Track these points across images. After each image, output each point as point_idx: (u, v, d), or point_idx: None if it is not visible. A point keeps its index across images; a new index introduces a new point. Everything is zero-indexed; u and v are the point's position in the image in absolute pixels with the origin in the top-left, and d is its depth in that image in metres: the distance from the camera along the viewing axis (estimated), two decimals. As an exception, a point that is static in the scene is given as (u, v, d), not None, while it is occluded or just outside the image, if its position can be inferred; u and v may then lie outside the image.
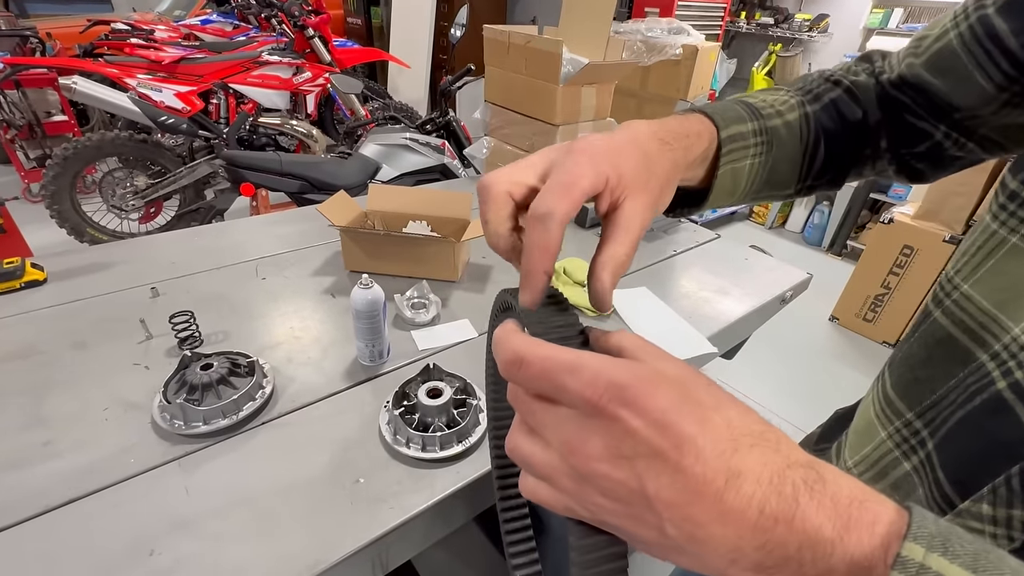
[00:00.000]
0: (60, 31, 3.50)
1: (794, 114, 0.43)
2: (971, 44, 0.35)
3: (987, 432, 0.28)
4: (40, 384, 0.72)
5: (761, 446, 0.20)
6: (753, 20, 3.68)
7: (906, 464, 0.34)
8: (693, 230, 1.37)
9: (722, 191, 0.40)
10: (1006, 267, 0.30)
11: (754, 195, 0.43)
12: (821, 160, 0.44)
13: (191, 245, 1.12)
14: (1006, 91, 0.34)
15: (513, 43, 1.40)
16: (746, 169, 0.40)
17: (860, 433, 0.38)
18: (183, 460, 0.62)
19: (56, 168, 2.13)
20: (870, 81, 0.44)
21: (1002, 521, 0.26)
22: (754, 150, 0.40)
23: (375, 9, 5.50)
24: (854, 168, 0.46)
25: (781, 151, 0.42)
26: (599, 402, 0.20)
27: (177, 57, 2.43)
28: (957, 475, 0.30)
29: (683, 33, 2.57)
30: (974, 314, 0.31)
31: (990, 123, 0.38)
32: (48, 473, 0.60)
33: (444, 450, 0.64)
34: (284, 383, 0.74)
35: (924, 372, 0.34)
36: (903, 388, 0.35)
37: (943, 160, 0.43)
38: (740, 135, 0.39)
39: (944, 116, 0.39)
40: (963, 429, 0.30)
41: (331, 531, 0.55)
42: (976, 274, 0.32)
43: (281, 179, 1.84)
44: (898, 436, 0.35)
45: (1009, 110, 0.35)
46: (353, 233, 1.01)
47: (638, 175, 0.30)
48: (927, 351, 0.34)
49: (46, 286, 0.94)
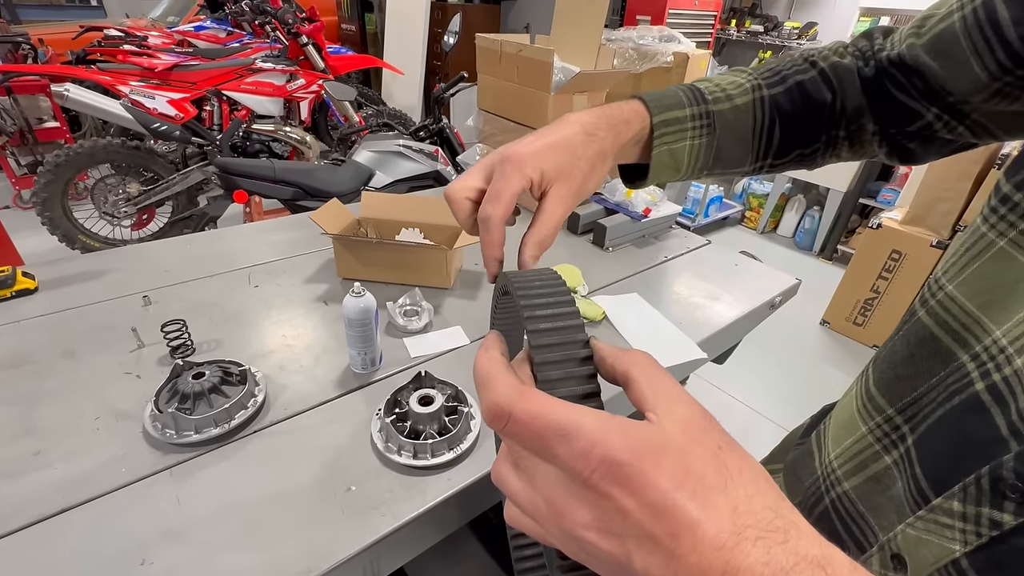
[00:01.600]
0: (52, 37, 3.49)
1: (746, 98, 0.45)
2: (972, 29, 0.34)
3: (963, 431, 0.29)
4: (31, 393, 0.72)
5: (767, 539, 0.18)
6: (743, 28, 3.73)
7: (887, 458, 0.34)
8: (684, 236, 1.38)
9: (662, 167, 0.44)
10: (992, 270, 0.30)
11: (707, 171, 0.46)
12: (778, 141, 0.46)
13: (183, 253, 1.12)
14: (998, 81, 0.34)
15: (505, 52, 1.42)
16: (685, 149, 0.44)
17: (842, 427, 0.39)
18: (174, 469, 0.62)
19: (48, 175, 2.12)
20: (855, 64, 0.44)
21: (971, 518, 0.27)
22: (692, 132, 0.43)
23: (369, 15, 5.53)
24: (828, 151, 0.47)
25: (728, 133, 0.45)
26: (590, 478, 0.19)
27: (170, 64, 2.43)
28: (934, 472, 0.30)
29: (674, 41, 2.60)
30: (957, 315, 0.32)
31: (981, 109, 0.38)
32: (39, 483, 0.60)
33: (435, 457, 0.64)
34: (276, 391, 0.75)
35: (906, 370, 0.35)
36: (885, 385, 0.36)
37: (934, 141, 0.43)
38: (675, 119, 0.43)
39: (937, 99, 0.40)
40: (941, 427, 0.31)
41: (323, 539, 0.55)
42: (962, 275, 0.32)
43: (274, 186, 1.84)
44: (879, 431, 0.35)
45: (999, 99, 0.35)
46: (346, 241, 1.01)
47: (560, 169, 0.37)
48: (910, 349, 0.35)
49: (37, 295, 0.94)
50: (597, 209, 1.34)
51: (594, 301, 1.00)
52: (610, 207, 1.33)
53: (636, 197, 1.30)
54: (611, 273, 1.15)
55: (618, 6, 3.86)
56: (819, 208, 3.21)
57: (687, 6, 3.40)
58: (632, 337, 0.93)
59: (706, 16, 3.53)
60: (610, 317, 0.98)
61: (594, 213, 1.32)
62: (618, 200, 1.33)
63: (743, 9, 3.84)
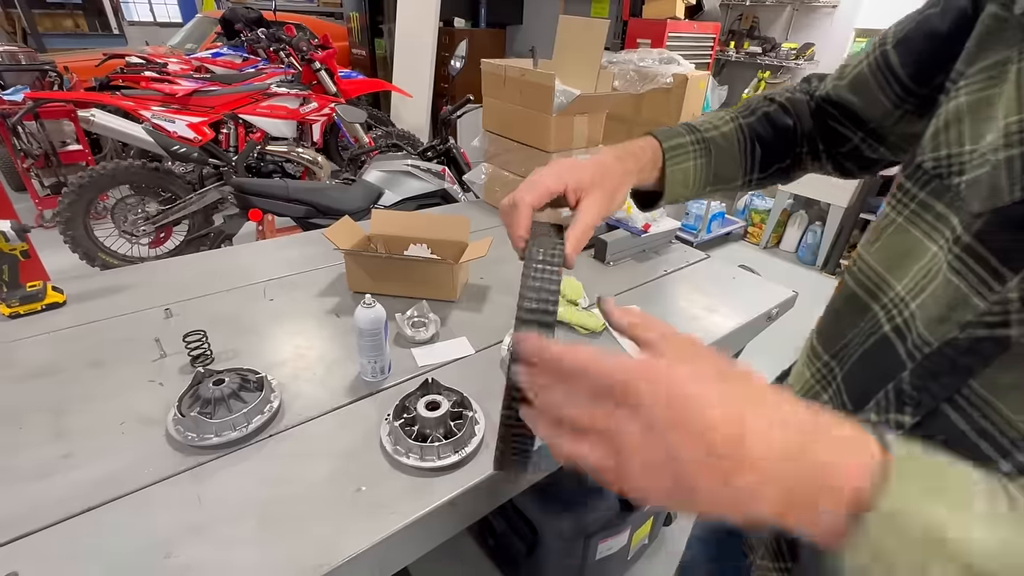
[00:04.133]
0: (77, 65, 3.65)
1: (728, 126, 0.56)
2: (875, 72, 0.46)
3: (876, 362, 0.38)
4: (61, 400, 0.76)
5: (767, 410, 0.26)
6: (742, 49, 3.82)
7: (824, 395, 0.43)
8: (683, 251, 1.42)
9: (676, 183, 0.53)
10: (893, 240, 0.40)
11: (710, 187, 0.56)
12: (760, 157, 0.56)
13: (202, 269, 1.18)
14: (900, 108, 0.45)
15: (509, 76, 1.49)
16: (691, 168, 0.53)
17: (796, 377, 0.49)
18: (196, 470, 0.66)
19: (72, 195, 2.21)
20: (804, 98, 0.56)
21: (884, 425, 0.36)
22: (694, 153, 0.54)
23: (379, 41, 5.72)
24: (797, 165, 0.58)
25: (721, 154, 0.55)
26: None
27: (191, 90, 2.54)
28: (855, 396, 0.39)
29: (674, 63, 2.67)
30: (871, 276, 0.41)
31: (895, 131, 0.48)
32: (69, 483, 0.63)
33: (442, 460, 0.67)
34: (291, 398, 0.79)
35: (837, 323, 0.44)
36: (823, 337, 0.46)
37: (865, 160, 0.54)
38: (680, 145, 0.53)
39: (861, 125, 0.51)
40: (861, 362, 0.40)
41: (334, 536, 0.59)
42: (874, 246, 0.42)
43: (288, 205, 1.91)
44: (819, 374, 0.45)
45: (905, 123, 0.46)
46: (357, 256, 1.06)
47: (594, 181, 0.47)
48: (839, 307, 0.45)
49: (65, 308, 0.99)
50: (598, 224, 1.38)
51: (595, 313, 1.04)
52: (611, 223, 1.38)
53: (636, 213, 1.34)
54: (612, 286, 1.18)
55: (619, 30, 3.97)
56: (821, 223, 3.24)
57: (686, 29, 3.50)
58: (631, 348, 0.96)
59: (705, 39, 3.62)
60: (611, 328, 1.01)
61: (595, 228, 1.37)
62: (619, 216, 1.37)
63: (742, 31, 3.93)
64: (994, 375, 0.30)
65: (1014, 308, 0.29)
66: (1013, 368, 0.30)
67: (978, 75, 0.35)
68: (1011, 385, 0.30)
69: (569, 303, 1.06)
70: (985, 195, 0.32)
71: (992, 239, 0.32)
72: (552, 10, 5.32)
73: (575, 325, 1.00)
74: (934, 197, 0.37)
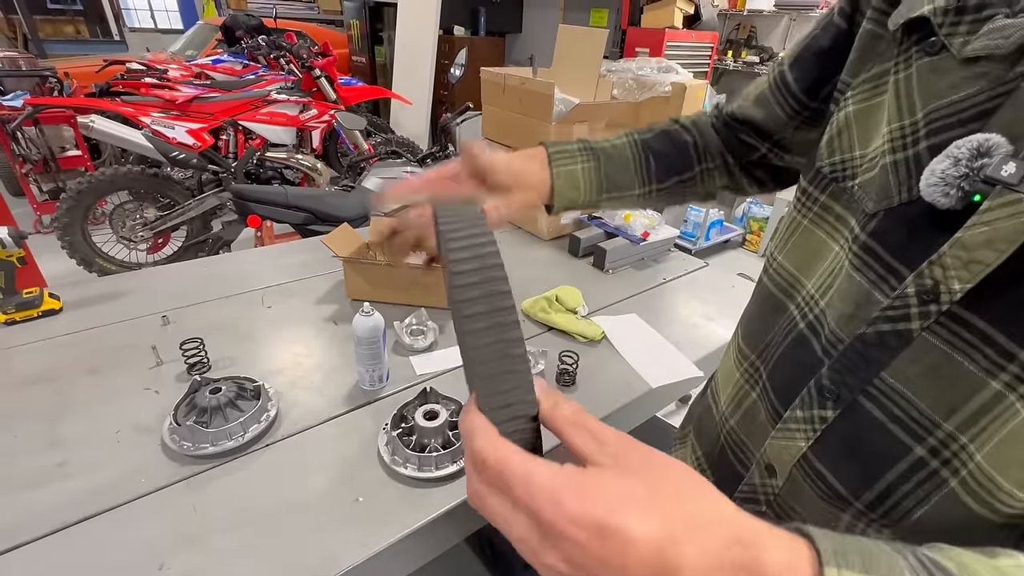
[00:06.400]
0: (77, 70, 3.66)
1: (620, 140, 0.58)
2: (774, 88, 0.50)
3: (796, 359, 0.40)
4: (56, 408, 0.76)
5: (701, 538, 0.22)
6: (740, 58, 3.86)
7: (752, 394, 0.45)
8: (682, 259, 1.42)
9: (564, 185, 0.53)
10: (801, 241, 0.43)
11: (606, 194, 0.56)
12: (655, 169, 0.57)
13: (200, 275, 1.17)
14: (795, 119, 0.50)
15: (509, 84, 1.49)
16: (578, 171, 0.54)
17: (726, 379, 0.51)
18: (191, 480, 0.65)
19: (70, 201, 2.21)
20: (707, 119, 0.60)
21: (808, 419, 0.37)
22: (580, 158, 0.55)
23: (379, 48, 5.75)
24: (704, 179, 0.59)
25: (611, 162, 0.56)
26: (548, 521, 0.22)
27: (191, 96, 2.55)
28: (780, 394, 0.41)
29: (672, 72, 2.69)
30: (785, 276, 0.43)
31: (794, 140, 0.52)
32: (63, 492, 0.63)
33: (440, 470, 0.67)
34: (288, 406, 0.78)
35: (759, 323, 0.46)
36: (748, 338, 0.48)
37: (774, 168, 0.58)
38: (565, 150, 0.55)
39: (766, 137, 0.55)
40: (783, 360, 0.42)
41: (331, 547, 0.58)
42: (785, 248, 0.44)
43: (287, 211, 1.91)
44: (746, 374, 0.46)
45: (803, 132, 0.50)
46: (355, 263, 1.06)
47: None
48: (759, 307, 0.47)
49: (62, 315, 0.98)
50: (597, 233, 1.38)
51: (594, 321, 1.03)
52: (610, 231, 1.38)
53: (635, 221, 1.35)
54: (610, 294, 1.18)
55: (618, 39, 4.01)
56: (819, 231, 3.25)
57: (684, 39, 3.53)
58: (630, 356, 0.96)
59: (703, 48, 3.65)
60: (609, 337, 1.01)
61: (594, 237, 1.37)
62: (617, 224, 1.37)
63: (739, 41, 3.97)
64: (902, 366, 0.33)
65: (913, 303, 0.31)
66: (918, 359, 0.32)
67: (862, 85, 0.38)
68: (918, 374, 0.32)
69: (568, 312, 1.05)
70: (877, 197, 0.35)
71: (887, 238, 0.34)
72: (551, 19, 5.37)
73: (574, 333, 1.00)
74: (833, 199, 0.40)
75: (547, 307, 1.05)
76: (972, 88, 0.30)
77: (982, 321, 0.30)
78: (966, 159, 0.28)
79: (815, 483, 0.38)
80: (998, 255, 0.28)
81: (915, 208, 0.32)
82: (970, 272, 0.29)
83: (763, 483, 0.42)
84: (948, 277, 0.30)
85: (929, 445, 0.32)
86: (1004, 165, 0.27)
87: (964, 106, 0.30)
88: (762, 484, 0.42)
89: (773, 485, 0.41)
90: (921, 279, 0.31)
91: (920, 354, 0.32)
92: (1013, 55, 0.28)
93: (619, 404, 0.84)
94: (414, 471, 0.66)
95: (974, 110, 0.30)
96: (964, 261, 0.29)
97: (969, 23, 0.31)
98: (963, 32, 0.31)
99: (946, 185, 0.29)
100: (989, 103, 0.29)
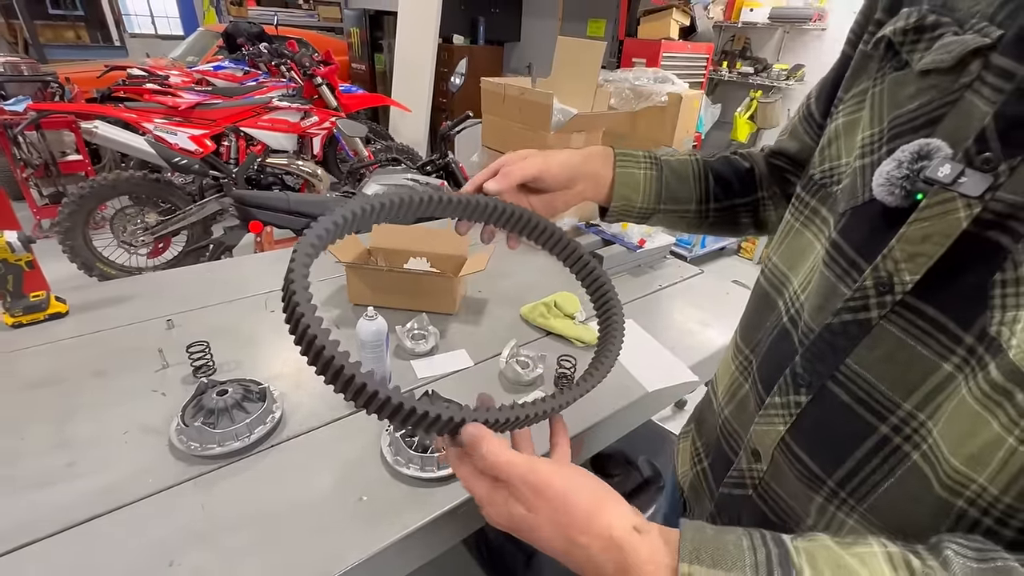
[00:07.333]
0: (78, 76, 3.68)
1: (684, 157, 0.62)
2: (803, 121, 0.54)
3: (779, 350, 0.43)
4: (64, 410, 0.77)
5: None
6: (735, 69, 3.91)
7: (745, 385, 0.49)
8: (678, 266, 1.45)
9: (624, 186, 0.57)
10: (792, 242, 0.46)
11: (663, 205, 0.60)
12: (714, 189, 0.61)
13: (203, 280, 1.19)
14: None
15: (508, 94, 1.53)
16: (640, 176, 0.58)
17: (724, 372, 0.55)
18: (198, 480, 0.67)
19: (72, 205, 2.22)
20: (763, 154, 0.64)
21: (785, 405, 0.41)
22: (644, 164, 0.58)
23: (379, 56, 5.80)
24: (760, 207, 0.63)
25: (673, 173, 0.59)
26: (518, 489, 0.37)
27: (193, 103, 2.57)
28: (765, 383, 0.44)
29: (668, 82, 2.74)
30: (777, 275, 0.47)
31: None
32: (72, 492, 0.64)
33: (441, 470, 0.68)
34: (292, 408, 0.80)
35: (753, 319, 0.50)
36: (743, 332, 0.52)
37: None
38: (631, 154, 0.59)
39: (800, 167, 0.57)
40: (768, 351, 0.45)
41: (335, 545, 0.59)
42: (779, 249, 0.48)
43: (289, 217, 1.93)
44: (741, 367, 0.50)
45: None
46: (357, 269, 1.08)
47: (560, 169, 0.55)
48: (754, 305, 0.51)
49: (68, 318, 1.00)
50: (594, 240, 1.41)
51: (590, 327, 1.06)
52: (607, 238, 1.40)
53: (631, 228, 1.37)
54: (608, 300, 1.20)
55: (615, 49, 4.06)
56: (813, 239, 3.29)
57: (680, 50, 3.58)
58: (627, 360, 0.98)
59: (698, 59, 3.71)
60: (606, 342, 1.03)
61: (591, 244, 1.39)
62: (614, 232, 1.40)
63: (734, 52, 4.03)
64: (863, 353, 0.36)
65: (871, 294, 0.34)
66: (877, 346, 0.35)
67: (851, 100, 0.42)
68: (878, 359, 0.35)
69: (566, 317, 1.08)
70: (846, 198, 0.38)
71: (851, 234, 0.38)
72: (549, 28, 5.43)
73: (572, 338, 1.02)
74: (820, 203, 0.44)
75: (546, 312, 1.07)
76: (925, 98, 0.34)
77: (932, 309, 0.32)
78: (907, 161, 0.32)
79: (793, 465, 0.41)
80: (938, 248, 0.31)
81: (873, 207, 0.35)
82: (916, 264, 0.32)
83: (749, 468, 0.45)
84: (899, 269, 0.33)
85: (892, 423, 0.35)
86: (941, 167, 0.30)
87: (918, 114, 0.34)
88: (748, 469, 0.46)
89: (758, 469, 0.45)
90: (877, 272, 0.34)
91: (879, 341, 0.35)
92: (956, 68, 0.32)
93: (616, 408, 0.86)
94: (416, 471, 0.68)
95: (925, 118, 0.33)
96: (910, 254, 0.32)
97: (927, 40, 0.34)
98: (921, 48, 0.35)
99: (891, 185, 0.33)
100: (937, 111, 0.33)
